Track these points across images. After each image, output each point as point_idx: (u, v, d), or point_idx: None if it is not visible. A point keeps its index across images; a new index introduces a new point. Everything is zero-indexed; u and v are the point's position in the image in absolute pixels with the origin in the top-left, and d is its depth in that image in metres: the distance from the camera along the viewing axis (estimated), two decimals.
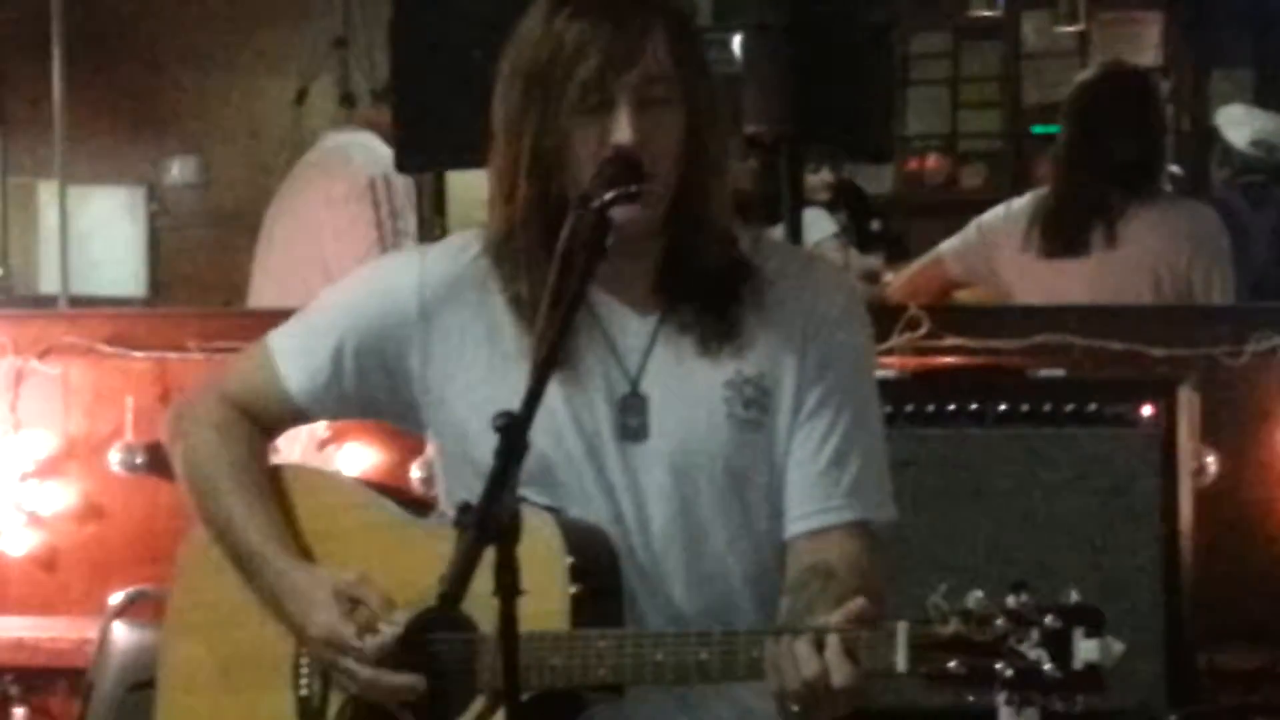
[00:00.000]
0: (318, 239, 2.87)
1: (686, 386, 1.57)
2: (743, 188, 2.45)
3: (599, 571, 1.55)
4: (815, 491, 1.57)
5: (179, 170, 4.89)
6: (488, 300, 1.56)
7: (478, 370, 1.56)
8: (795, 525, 1.57)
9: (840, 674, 1.35)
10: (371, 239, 2.81)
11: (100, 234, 4.42)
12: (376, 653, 1.48)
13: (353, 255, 2.71)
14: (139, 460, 2.64)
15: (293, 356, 1.60)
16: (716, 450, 1.56)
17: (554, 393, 1.48)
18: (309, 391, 1.58)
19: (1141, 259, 2.88)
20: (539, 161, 1.47)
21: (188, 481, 1.62)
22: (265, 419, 1.63)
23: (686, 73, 1.48)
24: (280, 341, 1.61)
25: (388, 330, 1.58)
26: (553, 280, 1.40)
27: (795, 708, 1.39)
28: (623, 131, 1.42)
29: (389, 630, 1.48)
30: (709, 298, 1.56)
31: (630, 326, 1.57)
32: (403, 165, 2.41)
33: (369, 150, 2.95)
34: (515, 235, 1.52)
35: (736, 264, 1.56)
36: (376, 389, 1.59)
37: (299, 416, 1.65)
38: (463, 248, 1.59)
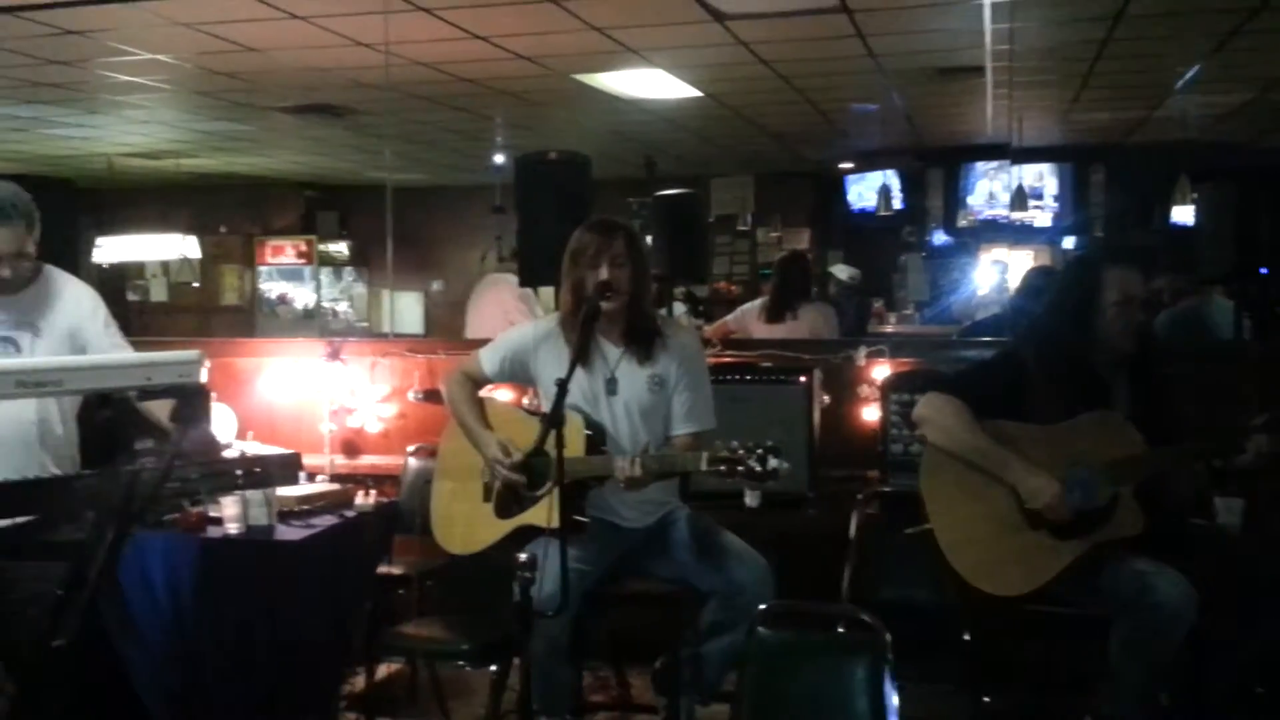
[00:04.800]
0: (500, 313, 5.62)
1: (633, 376, 3.14)
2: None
3: (596, 437, 3.14)
4: (683, 419, 3.18)
5: (436, 285, 10.05)
6: (558, 339, 3.24)
7: (553, 365, 3.16)
8: (675, 430, 3.20)
9: (636, 472, 2.89)
10: (524, 311, 5.66)
11: (407, 311, 8.68)
12: (511, 464, 3.16)
13: (516, 319, 5.41)
14: (421, 397, 4.89)
15: (488, 359, 3.37)
16: (643, 401, 3.16)
17: (582, 374, 3.13)
18: (493, 373, 3.38)
19: (808, 325, 5.80)
20: (577, 288, 3.12)
21: (450, 404, 3.38)
22: (478, 381, 3.40)
23: (634, 254, 3.12)
24: (484, 352, 3.37)
25: (524, 350, 3.30)
26: (579, 331, 3.00)
27: (622, 484, 2.93)
28: (603, 274, 3.06)
29: (516, 456, 3.14)
30: (644, 341, 3.15)
31: (613, 351, 3.18)
32: (524, 282, 4.93)
33: (511, 278, 5.46)
34: (567, 316, 3.16)
35: (655, 327, 3.19)
36: (519, 372, 3.33)
37: (489, 381, 3.39)
38: (550, 320, 3.28)
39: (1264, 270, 5.64)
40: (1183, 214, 8.63)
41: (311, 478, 4.19)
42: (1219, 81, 7.26)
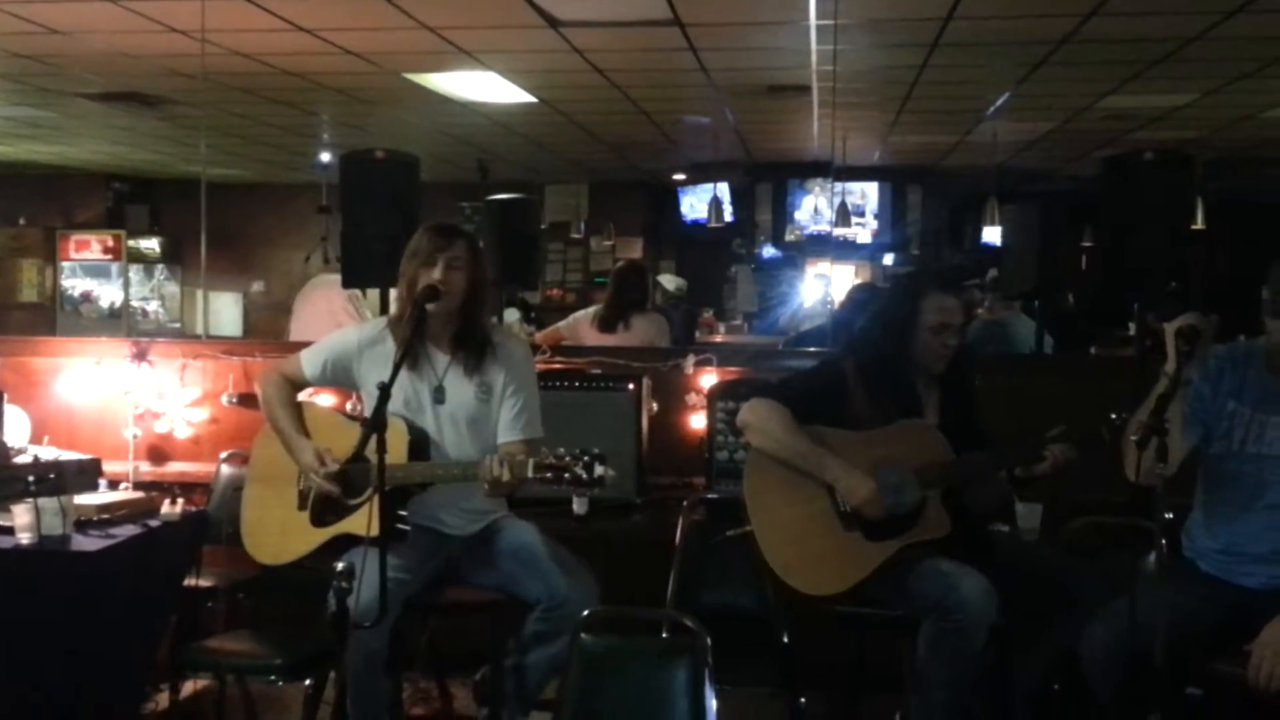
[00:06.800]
0: (328, 314, 5.53)
1: (460, 384, 3.14)
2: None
3: (420, 444, 3.12)
4: (510, 427, 3.19)
5: (257, 286, 9.47)
6: (385, 343, 3.21)
7: (378, 370, 3.08)
8: (502, 438, 3.18)
9: (505, 475, 2.87)
10: (352, 314, 5.56)
11: (225, 312, 8.25)
12: (326, 473, 3.10)
13: (344, 322, 5.39)
14: (236, 401, 4.77)
15: (308, 361, 3.32)
16: (470, 410, 3.15)
17: (408, 380, 3.07)
18: (313, 376, 3.34)
19: (640, 335, 5.87)
20: (409, 289, 3.08)
21: (264, 406, 3.30)
22: (297, 384, 3.35)
23: (473, 260, 3.11)
24: (305, 354, 3.32)
25: (347, 354, 3.27)
26: (406, 332, 3.01)
27: (487, 489, 2.95)
28: (435, 275, 3.06)
29: (331, 466, 3.11)
30: (474, 350, 3.15)
31: (441, 358, 3.17)
32: (347, 284, 4.88)
33: (338, 281, 5.36)
34: (399, 317, 3.13)
35: (486, 336, 3.19)
36: (341, 376, 3.30)
37: (309, 385, 3.38)
38: (377, 324, 3.27)
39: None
40: (992, 234, 9.09)
41: (113, 485, 4.02)
42: (1026, 110, 7.70)
